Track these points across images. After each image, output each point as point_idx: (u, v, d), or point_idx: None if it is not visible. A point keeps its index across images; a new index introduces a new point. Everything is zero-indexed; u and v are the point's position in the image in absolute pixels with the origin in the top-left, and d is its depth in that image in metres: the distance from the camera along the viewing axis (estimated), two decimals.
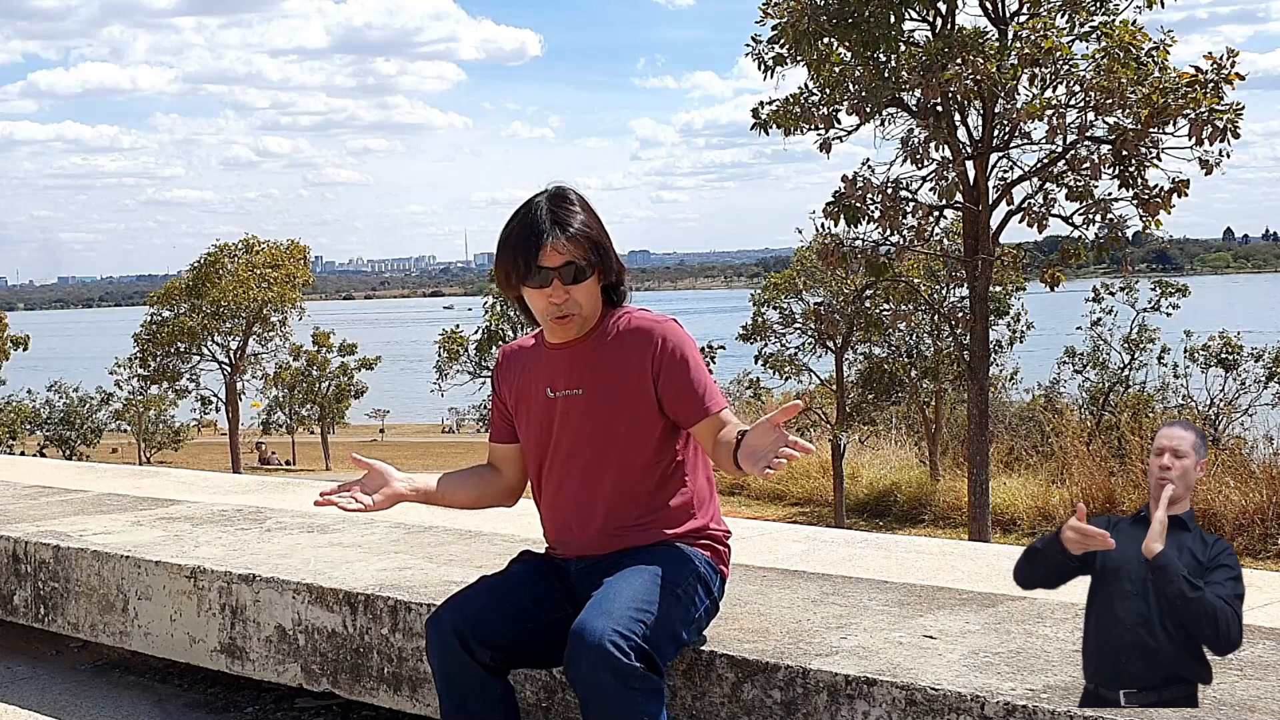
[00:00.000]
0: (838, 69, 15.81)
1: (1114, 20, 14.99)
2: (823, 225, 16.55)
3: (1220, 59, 14.07)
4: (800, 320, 26.70)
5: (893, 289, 22.43)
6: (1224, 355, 25.67)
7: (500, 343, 29.61)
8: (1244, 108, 13.85)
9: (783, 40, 15.77)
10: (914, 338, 26.30)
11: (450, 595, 2.78)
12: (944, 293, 24.51)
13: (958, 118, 15.80)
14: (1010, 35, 15.24)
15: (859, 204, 15.68)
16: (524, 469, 2.99)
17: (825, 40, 15.63)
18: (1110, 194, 15.48)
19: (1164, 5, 15.24)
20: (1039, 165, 15.87)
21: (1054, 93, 15.13)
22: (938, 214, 16.85)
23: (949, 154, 15.68)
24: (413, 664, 3.26)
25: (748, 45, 16.17)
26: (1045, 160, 15.78)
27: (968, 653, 2.65)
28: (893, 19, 15.31)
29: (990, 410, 17.50)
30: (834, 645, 2.74)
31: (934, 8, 15.77)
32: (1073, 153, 15.22)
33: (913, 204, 16.16)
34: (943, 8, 15.81)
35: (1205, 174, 14.52)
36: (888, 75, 15.35)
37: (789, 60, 15.93)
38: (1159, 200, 14.94)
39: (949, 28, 15.62)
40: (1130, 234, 15.75)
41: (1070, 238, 16.19)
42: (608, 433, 2.79)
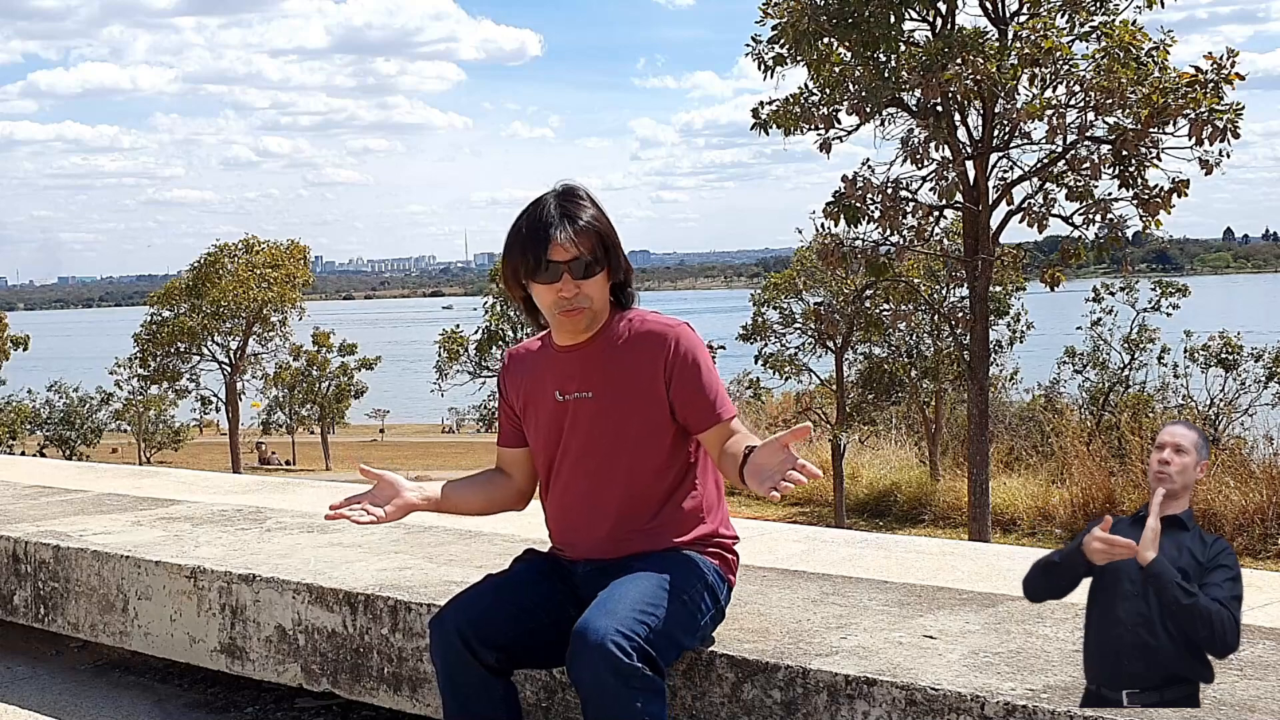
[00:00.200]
0: (838, 69, 15.80)
1: (1114, 20, 14.98)
2: (823, 225, 16.55)
3: (1220, 59, 14.07)
4: (800, 320, 26.70)
5: (893, 289, 22.43)
6: (1224, 355, 25.66)
7: (500, 343, 29.58)
8: (1244, 108, 13.85)
9: (783, 40, 15.77)
10: (914, 338, 26.30)
11: (453, 595, 2.75)
12: (944, 293, 24.51)
13: (958, 118, 15.79)
14: (1010, 35, 15.24)
15: (859, 204, 15.68)
16: (533, 473, 2.95)
17: (825, 40, 15.62)
18: (1110, 194, 15.47)
19: (1164, 5, 15.25)
20: (1039, 165, 15.86)
21: (1054, 93, 15.13)
22: (938, 214, 16.84)
23: (949, 154, 15.67)
24: (413, 664, 3.25)
25: (748, 45, 16.18)
26: (1045, 160, 15.77)
27: (968, 653, 2.65)
28: (893, 19, 15.30)
29: (990, 410, 17.50)
30: (834, 645, 2.73)
31: (934, 8, 15.77)
32: (1073, 153, 15.21)
33: (913, 204, 16.16)
34: (943, 8, 15.80)
35: (1205, 174, 14.52)
36: (888, 75, 15.34)
37: (789, 60, 15.93)
38: (1159, 200, 14.94)
39: (949, 28, 15.61)
40: (1130, 234, 15.74)
41: (1070, 238, 16.18)
42: (619, 436, 2.76)
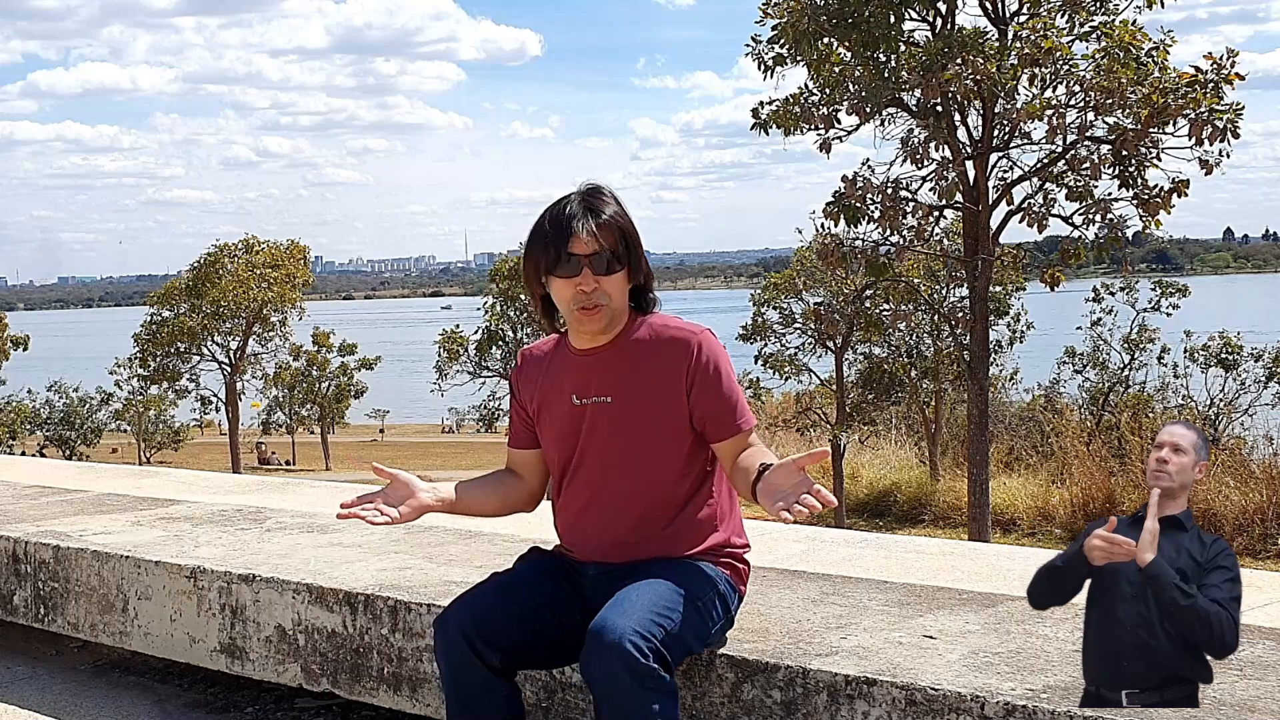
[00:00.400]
0: (838, 69, 15.80)
1: (1114, 20, 14.98)
2: (823, 225, 16.55)
3: (1220, 59, 14.07)
4: (800, 320, 26.72)
5: (893, 289, 22.44)
6: (1224, 355, 25.66)
7: (500, 343, 29.59)
8: (1244, 108, 13.85)
9: (783, 40, 15.76)
10: (914, 338, 26.31)
11: (458, 595, 2.73)
12: (944, 293, 24.52)
13: (958, 118, 15.79)
14: (1010, 35, 15.24)
15: (859, 204, 15.67)
16: (545, 474, 2.92)
17: (825, 40, 15.62)
18: (1110, 194, 15.47)
19: (1164, 5, 15.24)
20: (1039, 165, 15.86)
21: (1054, 93, 15.13)
22: (938, 214, 16.84)
23: (949, 154, 15.67)
24: (413, 664, 3.25)
25: (748, 45, 16.18)
26: (1045, 160, 15.77)
27: (968, 653, 2.65)
28: (893, 19, 15.30)
29: (990, 410, 17.49)
30: (834, 645, 2.73)
31: (934, 8, 15.76)
32: (1073, 153, 15.21)
33: (913, 204, 16.15)
34: (943, 8, 15.80)
35: (1205, 174, 14.52)
36: (888, 75, 15.34)
37: (789, 60, 15.92)
38: (1159, 200, 14.94)
39: (949, 28, 15.61)
40: (1130, 234, 15.74)
41: (1070, 238, 16.17)
42: (638, 442, 2.72)
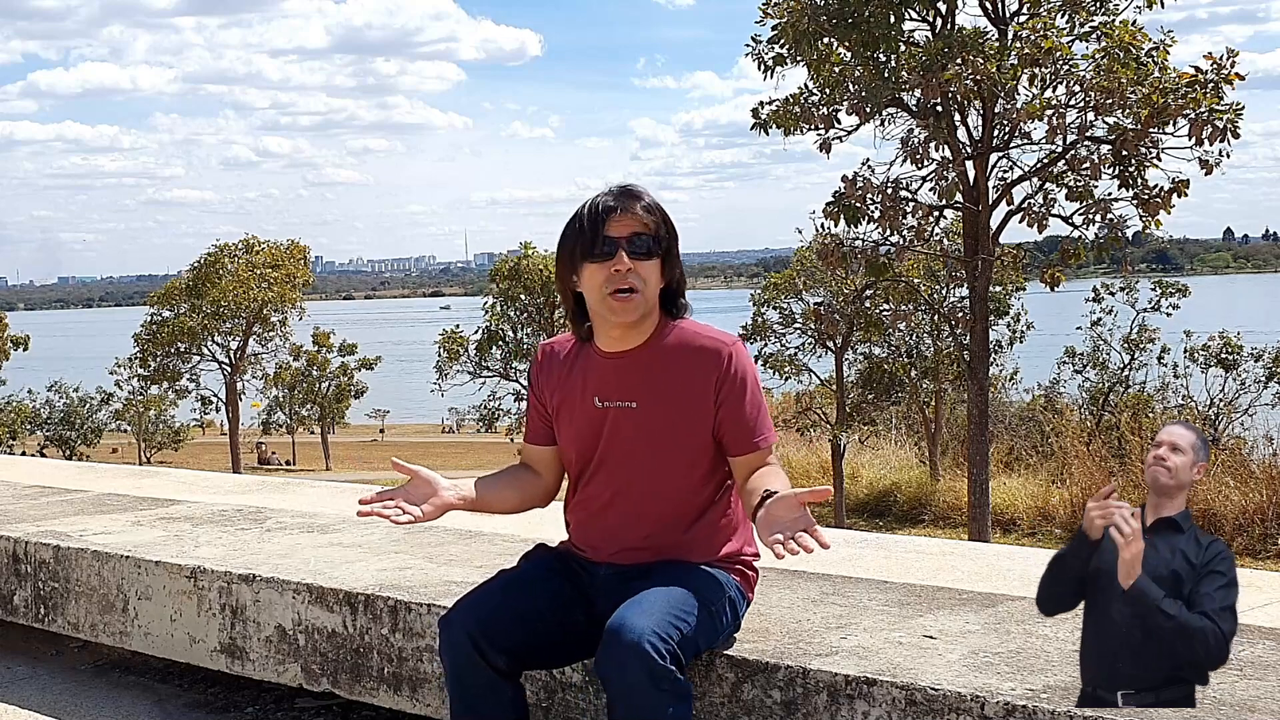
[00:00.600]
0: (838, 69, 15.80)
1: (1114, 20, 14.98)
2: (823, 225, 16.55)
3: (1220, 59, 14.07)
4: (800, 320, 26.70)
5: (893, 289, 22.44)
6: (1224, 355, 25.68)
7: (500, 343, 29.56)
8: (1244, 108, 13.85)
9: (783, 40, 15.77)
10: (914, 338, 26.31)
11: (462, 595, 2.70)
12: (944, 293, 24.52)
13: (958, 118, 15.79)
14: (1010, 35, 15.24)
15: (859, 204, 15.68)
16: (561, 471, 2.88)
17: (825, 40, 15.62)
18: (1110, 194, 15.47)
19: (1164, 5, 15.25)
20: (1039, 165, 15.86)
21: (1054, 93, 15.13)
22: (938, 214, 16.84)
23: (949, 154, 15.67)
24: (413, 664, 3.25)
25: (748, 45, 16.18)
26: (1045, 160, 15.77)
27: (968, 653, 2.65)
28: (893, 19, 15.31)
29: (990, 410, 17.49)
30: (834, 645, 2.73)
31: (934, 8, 15.77)
32: (1073, 153, 15.21)
33: (913, 204, 16.16)
34: (943, 8, 15.80)
35: (1205, 174, 14.52)
36: (888, 75, 15.34)
37: (789, 60, 15.93)
38: (1159, 200, 14.94)
39: (949, 28, 15.61)
40: (1130, 234, 15.74)
41: (1070, 238, 16.18)
42: (661, 449, 2.69)
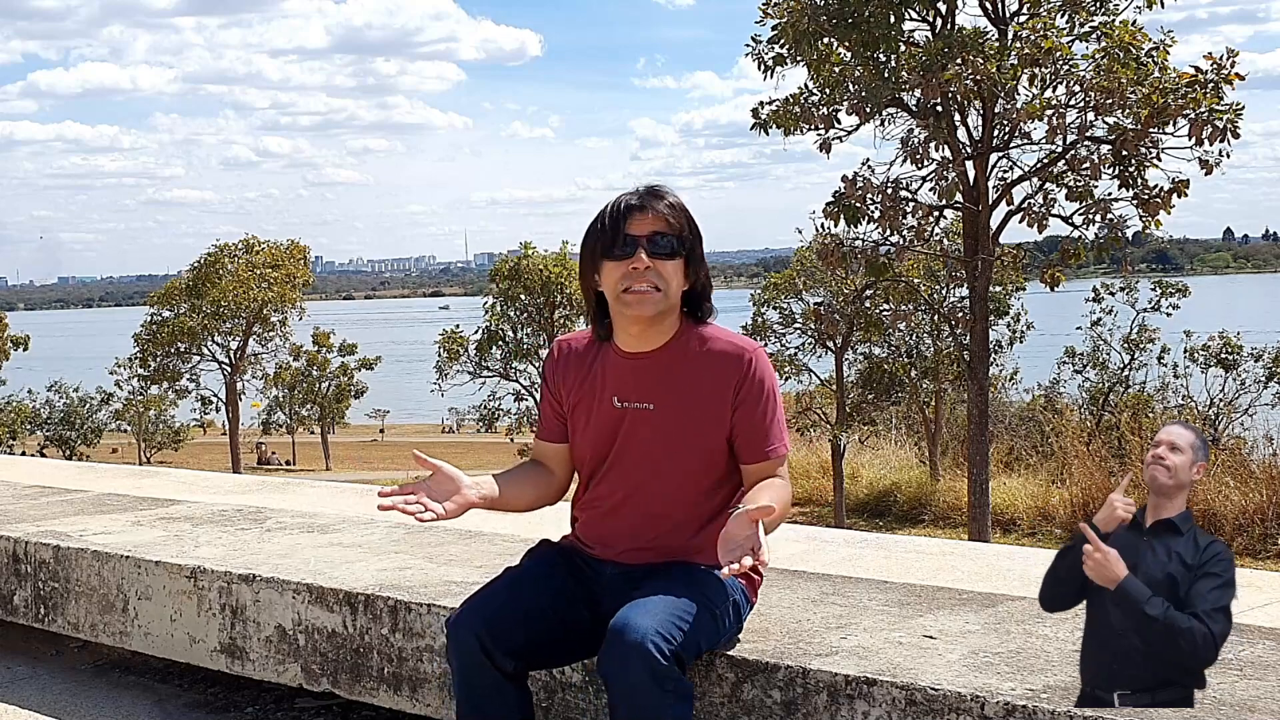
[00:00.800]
0: (838, 69, 15.80)
1: (1114, 20, 14.98)
2: (823, 225, 16.55)
3: (1220, 59, 14.07)
4: (800, 320, 26.71)
5: (893, 289, 22.44)
6: (1224, 355, 25.69)
7: (500, 343, 29.57)
8: (1244, 108, 13.85)
9: (783, 40, 15.77)
10: (914, 338, 26.31)
11: (468, 596, 2.69)
12: (944, 293, 24.52)
13: (958, 118, 15.79)
14: (1010, 35, 15.24)
15: (859, 204, 15.68)
16: (572, 468, 2.87)
17: (825, 40, 15.62)
18: (1110, 194, 15.47)
19: (1164, 5, 15.24)
20: (1039, 165, 15.86)
21: (1054, 93, 15.13)
22: (938, 214, 16.84)
23: (949, 154, 15.67)
24: (413, 664, 3.25)
25: (748, 45, 16.18)
26: (1045, 160, 15.77)
27: (968, 653, 2.65)
28: (893, 19, 15.31)
29: (990, 410, 17.49)
30: (834, 645, 2.73)
31: (934, 8, 15.77)
32: (1073, 153, 15.21)
33: (913, 204, 16.16)
34: (943, 8, 15.80)
35: (1205, 174, 14.51)
36: (888, 75, 15.34)
37: (789, 60, 15.93)
38: (1159, 200, 14.94)
39: (949, 28, 15.62)
40: (1130, 234, 15.73)
41: (1070, 238, 16.17)
42: (677, 453, 2.67)
